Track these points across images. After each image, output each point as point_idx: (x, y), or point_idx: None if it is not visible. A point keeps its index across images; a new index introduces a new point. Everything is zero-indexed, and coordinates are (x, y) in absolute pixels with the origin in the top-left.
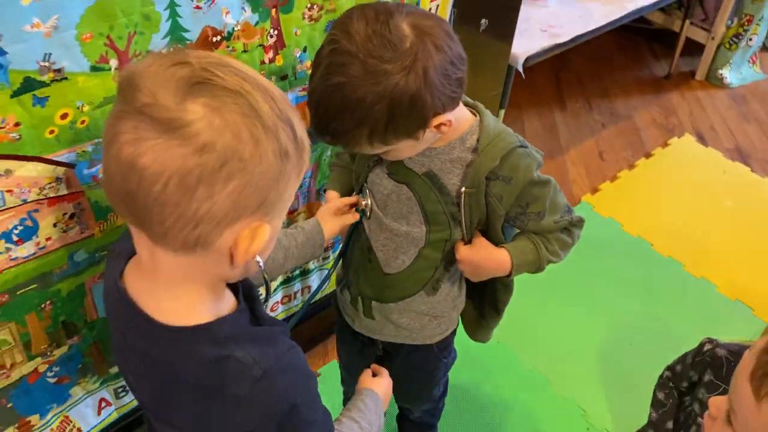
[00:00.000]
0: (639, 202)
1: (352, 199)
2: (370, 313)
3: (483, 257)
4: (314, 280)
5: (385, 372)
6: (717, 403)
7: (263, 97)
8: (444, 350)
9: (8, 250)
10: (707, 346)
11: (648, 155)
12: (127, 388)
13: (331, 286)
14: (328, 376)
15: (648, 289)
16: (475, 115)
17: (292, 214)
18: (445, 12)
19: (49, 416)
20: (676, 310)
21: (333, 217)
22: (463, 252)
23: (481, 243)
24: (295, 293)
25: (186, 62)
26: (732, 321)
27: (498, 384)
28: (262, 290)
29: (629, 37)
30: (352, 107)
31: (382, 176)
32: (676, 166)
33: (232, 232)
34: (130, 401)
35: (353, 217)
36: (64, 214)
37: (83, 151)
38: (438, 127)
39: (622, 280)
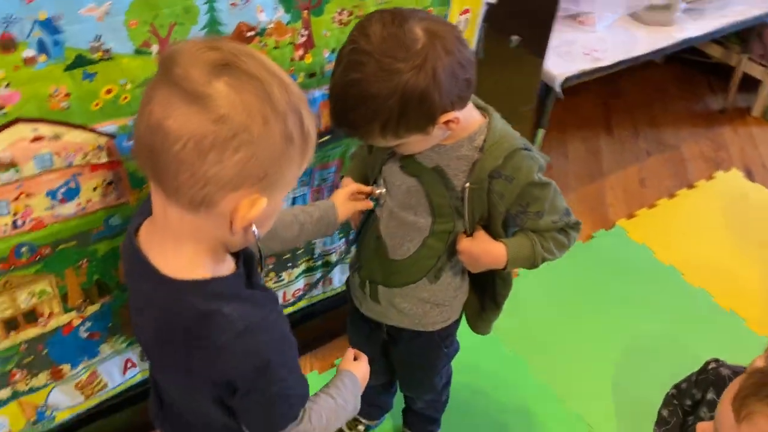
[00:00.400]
0: (675, 230)
1: (367, 188)
2: (376, 296)
3: (481, 249)
4: (336, 273)
5: (364, 357)
6: (703, 427)
7: (278, 86)
8: (446, 339)
9: (53, 206)
10: (712, 365)
11: (690, 186)
12: None
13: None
14: None
15: (674, 317)
16: (485, 117)
17: None
18: (475, 26)
19: (79, 368)
20: (700, 340)
21: (347, 200)
22: (463, 243)
23: (481, 236)
24: (317, 282)
25: (218, 48)
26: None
27: (507, 393)
28: (285, 276)
29: (687, 70)
30: (366, 101)
31: (395, 168)
32: (719, 199)
33: (234, 198)
34: None
35: (366, 205)
36: (104, 180)
37: (124, 125)
38: (446, 123)
39: (648, 305)
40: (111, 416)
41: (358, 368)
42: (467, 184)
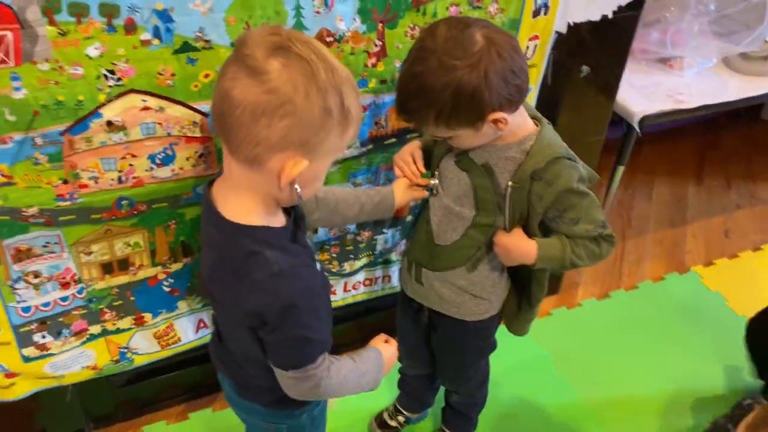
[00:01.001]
0: (753, 283)
1: (424, 180)
2: (419, 278)
3: (513, 243)
4: (395, 272)
5: (394, 342)
6: None
7: (324, 68)
8: (482, 332)
9: (152, 169)
10: (747, 401)
11: None
12: None
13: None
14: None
15: (737, 364)
16: (538, 126)
17: None
18: (543, 53)
19: (158, 318)
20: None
21: (405, 189)
22: (499, 236)
23: (517, 233)
24: (377, 278)
25: (278, 33)
26: None
27: (550, 414)
28: (347, 266)
29: None
30: (425, 91)
31: (450, 162)
32: None
33: (280, 159)
34: None
35: (421, 194)
36: (195, 152)
37: None
38: (495, 122)
39: (710, 350)
40: (181, 371)
41: (385, 348)
42: (510, 183)
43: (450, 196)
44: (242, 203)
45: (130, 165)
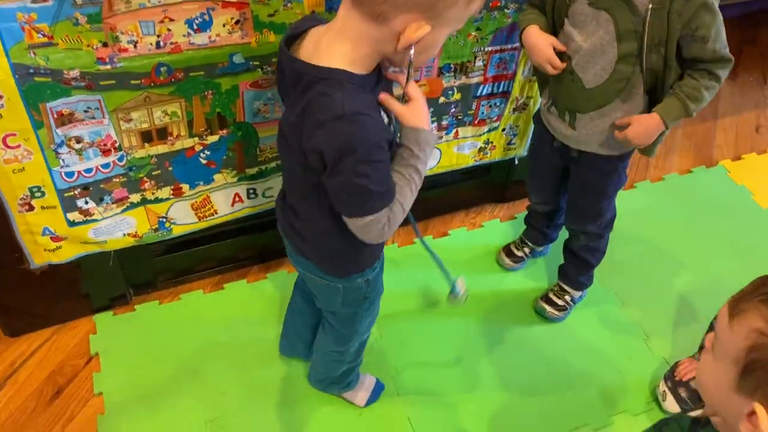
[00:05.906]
0: None
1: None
2: (573, 123)
3: (643, 128)
4: None
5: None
6: (710, 337)
7: None
8: (623, 162)
9: (189, 34)
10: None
11: None
12: (256, 192)
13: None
14: None
15: (761, 259)
16: None
17: None
18: None
19: (196, 190)
20: None
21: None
22: (628, 133)
23: (638, 120)
24: None
25: None
26: None
27: None
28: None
29: None
30: None
31: (583, 6)
32: None
33: (405, 20)
34: (258, 204)
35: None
36: (232, 18)
37: None
38: None
39: (734, 242)
40: (217, 243)
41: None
42: (650, 5)
43: (590, 40)
44: (337, 49)
45: (168, 30)
